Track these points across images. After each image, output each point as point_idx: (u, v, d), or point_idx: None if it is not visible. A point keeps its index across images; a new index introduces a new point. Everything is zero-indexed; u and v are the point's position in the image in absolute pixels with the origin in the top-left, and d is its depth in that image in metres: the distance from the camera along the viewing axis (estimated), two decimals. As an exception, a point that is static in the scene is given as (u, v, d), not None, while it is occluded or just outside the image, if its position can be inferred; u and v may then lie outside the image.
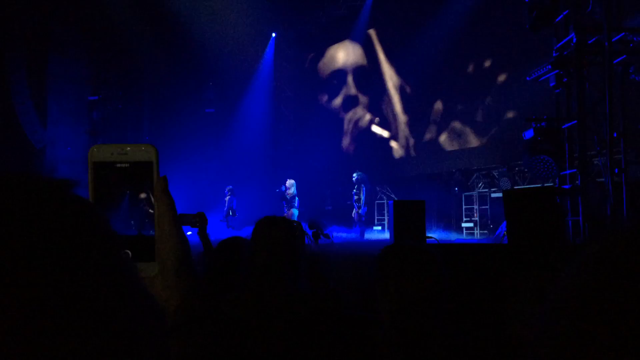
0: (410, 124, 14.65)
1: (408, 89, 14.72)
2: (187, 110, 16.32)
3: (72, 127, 14.54)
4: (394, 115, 15.20)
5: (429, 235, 7.43)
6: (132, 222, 0.70)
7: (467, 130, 12.97)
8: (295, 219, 11.57)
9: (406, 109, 14.87)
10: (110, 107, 15.48)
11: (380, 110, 15.71)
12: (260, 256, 1.96)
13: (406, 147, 14.81)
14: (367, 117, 16.10)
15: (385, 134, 15.45)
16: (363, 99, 16.33)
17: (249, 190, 15.04)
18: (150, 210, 0.70)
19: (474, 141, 12.88)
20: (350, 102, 16.64)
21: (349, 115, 16.55)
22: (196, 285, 0.70)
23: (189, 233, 9.67)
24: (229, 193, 13.64)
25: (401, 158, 14.91)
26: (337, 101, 17.02)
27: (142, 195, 0.70)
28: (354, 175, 12.26)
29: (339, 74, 17.00)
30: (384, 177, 14.85)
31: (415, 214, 6.82)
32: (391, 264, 1.58)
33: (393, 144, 15.20)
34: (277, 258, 1.94)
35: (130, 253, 0.68)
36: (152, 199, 0.70)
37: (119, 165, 0.70)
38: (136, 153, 0.71)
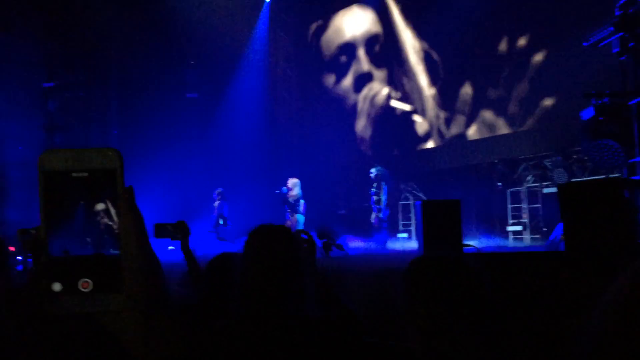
0: (440, 98, 14.70)
1: (435, 56, 14.69)
2: (165, 96, 16.32)
3: (23, 121, 14.57)
4: (419, 91, 15.20)
5: (467, 242, 7.40)
6: (88, 239, 0.71)
7: (500, 122, 13.08)
8: (301, 227, 11.58)
9: (434, 80, 14.86)
10: (70, 95, 15.50)
11: (401, 85, 15.71)
12: (253, 276, 1.96)
13: (434, 127, 14.85)
14: (385, 91, 16.12)
15: (407, 107, 15.53)
16: (379, 74, 16.33)
17: (244, 194, 15.03)
18: (109, 223, 0.71)
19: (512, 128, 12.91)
20: (363, 80, 16.67)
21: (364, 93, 16.62)
22: (171, 323, 0.70)
23: (171, 248, 9.68)
24: (219, 197, 13.66)
25: (430, 147, 14.91)
26: (347, 81, 17.05)
27: (99, 207, 0.72)
28: (373, 170, 12.24)
29: (348, 49, 17.01)
30: (409, 172, 14.87)
31: (449, 217, 6.82)
32: (421, 280, 1.59)
33: (417, 118, 15.24)
34: (274, 277, 1.94)
35: (91, 282, 0.68)
36: (112, 210, 0.72)
37: (75, 174, 0.71)
38: (96, 159, 0.71)
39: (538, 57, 12.24)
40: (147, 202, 13.01)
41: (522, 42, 12.58)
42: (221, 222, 13.45)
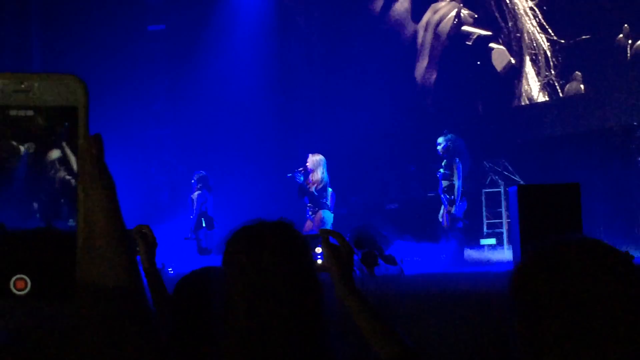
0: (547, 20, 14.83)
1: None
2: (113, 28, 16.40)
3: None
4: (512, 8, 15.30)
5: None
6: (35, 204, 0.73)
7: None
8: (329, 228, 11.53)
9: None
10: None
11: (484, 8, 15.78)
12: (240, 308, 1.98)
13: (540, 68, 14.83)
14: (454, 12, 16.38)
15: (484, 32, 15.91)
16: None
17: (238, 180, 15.10)
18: (68, 178, 0.75)
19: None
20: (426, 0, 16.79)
21: (426, 19, 16.73)
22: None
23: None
24: (200, 186, 13.71)
25: (531, 103, 14.90)
26: (402, 4, 17.06)
27: (53, 155, 0.75)
28: (440, 141, 12.19)
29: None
30: (497, 141, 14.84)
31: (563, 210, 6.79)
32: (549, 287, 1.59)
33: (495, 46, 15.47)
34: (274, 311, 1.97)
35: (28, 281, 0.70)
36: (72, 159, 0.76)
37: (14, 112, 0.75)
38: (48, 90, 0.75)
39: None
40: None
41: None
42: (204, 224, 13.49)
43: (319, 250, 2.43)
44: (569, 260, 1.60)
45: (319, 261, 2.39)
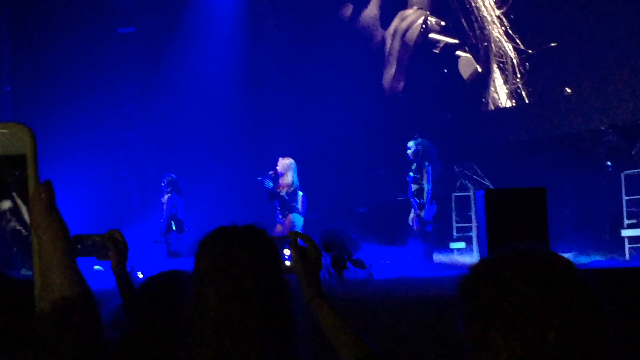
0: (513, 27, 14.91)
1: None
2: (84, 31, 16.24)
3: None
4: (480, 17, 15.38)
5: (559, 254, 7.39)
6: None
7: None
8: (299, 231, 11.53)
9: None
10: None
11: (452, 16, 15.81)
12: (211, 305, 1.97)
13: (507, 74, 14.92)
14: (421, 19, 16.36)
15: (451, 40, 15.92)
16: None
17: (208, 183, 15.02)
18: (19, 229, 0.74)
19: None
20: (395, 7, 16.85)
21: (393, 26, 16.77)
22: None
23: (98, 268, 9.68)
24: (170, 189, 13.63)
25: (499, 107, 14.98)
26: (371, 11, 17.13)
27: (3, 206, 0.75)
28: (410, 145, 12.17)
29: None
30: (467, 146, 14.89)
31: (529, 214, 6.81)
32: (496, 290, 1.59)
33: (461, 54, 15.55)
34: (244, 307, 1.96)
35: None
36: (23, 209, 0.75)
37: None
38: None
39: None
40: (58, 200, 12.85)
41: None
42: (173, 227, 13.42)
43: (287, 252, 2.44)
44: (508, 270, 1.61)
45: (287, 263, 2.41)
